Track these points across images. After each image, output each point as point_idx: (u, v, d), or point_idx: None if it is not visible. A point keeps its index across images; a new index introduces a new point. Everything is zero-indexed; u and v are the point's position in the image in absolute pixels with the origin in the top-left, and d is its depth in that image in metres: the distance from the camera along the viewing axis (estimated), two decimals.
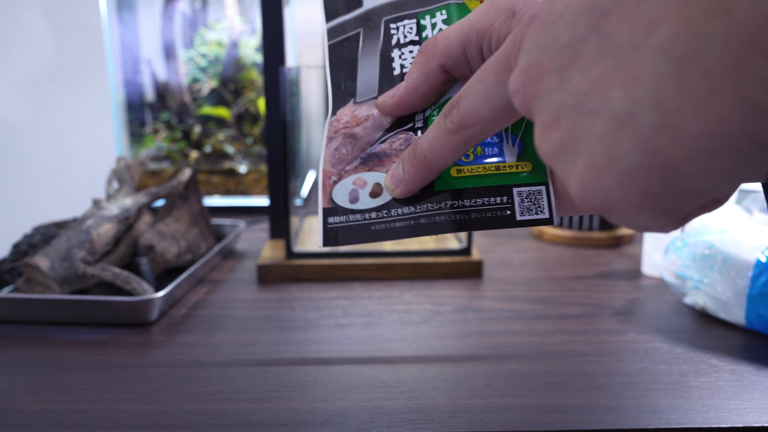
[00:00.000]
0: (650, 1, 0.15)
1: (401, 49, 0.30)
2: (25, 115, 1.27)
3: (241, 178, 1.13)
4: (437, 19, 0.30)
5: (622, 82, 0.16)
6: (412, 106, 0.28)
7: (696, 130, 0.15)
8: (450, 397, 0.41)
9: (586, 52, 0.17)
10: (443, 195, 0.28)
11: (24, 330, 0.53)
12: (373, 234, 0.28)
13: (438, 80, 0.27)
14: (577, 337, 0.50)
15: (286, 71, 0.65)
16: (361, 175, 0.29)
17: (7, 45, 1.24)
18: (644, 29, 0.15)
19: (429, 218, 0.28)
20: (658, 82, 0.15)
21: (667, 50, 0.15)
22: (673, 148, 0.15)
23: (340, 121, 0.30)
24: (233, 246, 0.77)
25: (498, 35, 0.25)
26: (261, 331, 0.52)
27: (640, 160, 0.16)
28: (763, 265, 0.48)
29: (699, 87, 0.14)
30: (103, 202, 0.65)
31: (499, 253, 0.76)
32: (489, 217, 0.27)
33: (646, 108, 0.15)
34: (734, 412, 0.39)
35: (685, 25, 0.14)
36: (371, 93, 0.30)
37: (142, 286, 0.56)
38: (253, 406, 0.40)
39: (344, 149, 0.30)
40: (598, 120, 0.17)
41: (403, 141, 0.29)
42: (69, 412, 0.40)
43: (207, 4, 1.19)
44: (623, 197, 0.17)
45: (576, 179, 0.18)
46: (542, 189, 0.27)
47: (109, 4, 1.15)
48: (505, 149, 0.28)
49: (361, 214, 0.28)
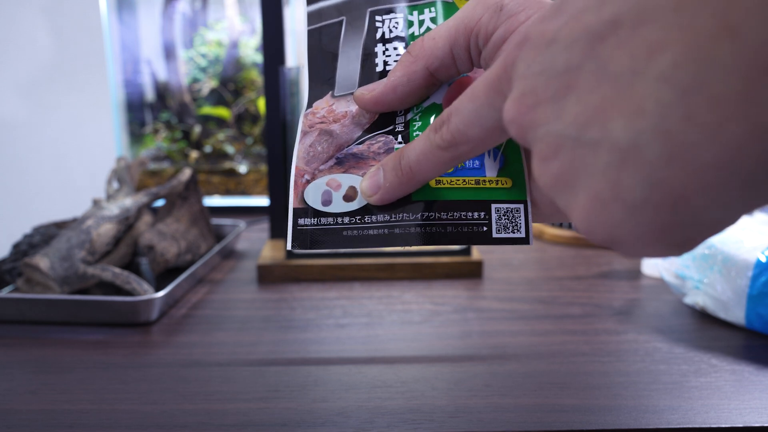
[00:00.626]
0: (649, 25, 0.15)
1: (386, 45, 0.29)
2: (25, 115, 1.27)
3: (241, 178, 1.13)
4: (425, 16, 0.29)
5: (623, 111, 0.15)
6: (390, 104, 0.27)
7: (706, 161, 0.14)
8: (450, 397, 0.41)
9: (582, 80, 0.16)
10: (420, 205, 0.27)
11: (24, 330, 0.53)
12: (344, 240, 0.27)
13: (420, 83, 0.27)
14: (577, 337, 0.50)
15: (286, 71, 0.65)
16: (336, 176, 0.28)
17: (7, 45, 1.24)
18: (644, 55, 0.15)
19: (404, 228, 0.26)
20: (663, 112, 0.14)
21: (670, 78, 0.14)
22: (683, 180, 0.14)
23: (316, 115, 0.29)
24: (233, 246, 0.77)
25: (486, 30, 0.25)
26: (261, 331, 0.52)
27: (647, 193, 0.15)
28: (763, 265, 0.48)
29: (707, 116, 0.14)
30: (103, 202, 0.65)
31: (499, 253, 0.76)
32: (465, 232, 0.26)
33: (651, 139, 0.15)
34: (734, 412, 0.39)
35: (688, 50, 0.14)
36: (350, 88, 0.29)
37: (142, 286, 0.56)
38: (253, 406, 0.40)
39: (319, 146, 0.28)
40: (599, 151, 0.16)
41: (383, 144, 0.28)
42: (69, 412, 0.40)
43: (207, 4, 1.19)
44: (631, 231, 0.16)
45: (580, 213, 0.18)
46: (521, 207, 0.26)
47: (109, 4, 1.15)
48: (486, 163, 0.27)
49: (333, 217, 0.27)
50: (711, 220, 0.15)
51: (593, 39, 0.16)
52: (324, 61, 0.29)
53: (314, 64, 0.29)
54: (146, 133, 1.20)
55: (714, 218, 0.15)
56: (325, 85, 0.29)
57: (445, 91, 0.28)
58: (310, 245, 0.27)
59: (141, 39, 1.19)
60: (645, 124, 0.15)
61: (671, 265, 0.56)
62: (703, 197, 0.15)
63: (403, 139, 0.28)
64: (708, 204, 0.15)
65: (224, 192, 1.12)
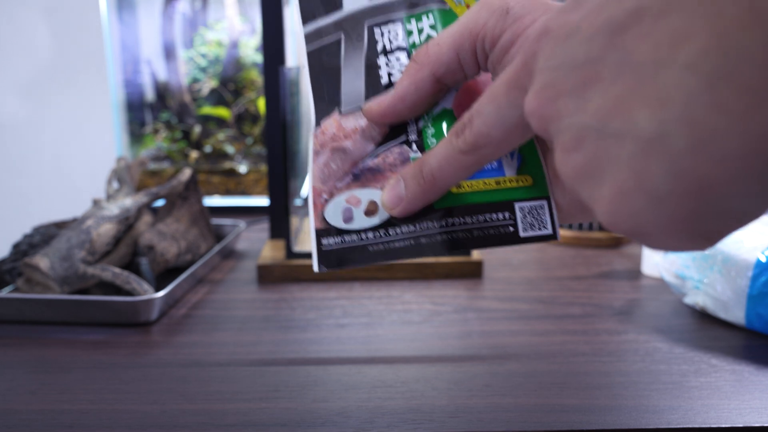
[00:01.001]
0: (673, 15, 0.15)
1: (388, 56, 0.29)
2: (25, 115, 1.27)
3: (241, 178, 1.13)
4: (424, 24, 0.29)
5: (648, 101, 0.15)
6: (400, 114, 0.27)
7: (733, 150, 0.14)
8: (450, 397, 0.41)
9: (604, 71, 0.16)
10: (443, 212, 0.26)
11: (24, 330, 0.53)
12: (371, 255, 0.27)
13: (428, 89, 0.27)
14: (577, 337, 0.50)
15: (286, 71, 0.65)
16: (355, 192, 0.27)
17: (7, 45, 1.24)
18: (669, 45, 0.15)
19: (430, 237, 0.26)
20: (689, 102, 0.14)
21: (696, 67, 0.14)
22: (709, 169, 0.14)
23: (325, 134, 0.28)
24: (233, 246, 0.77)
25: (492, 35, 0.25)
26: (261, 331, 0.52)
27: (672, 183, 0.15)
28: (763, 265, 0.48)
29: (734, 104, 0.13)
30: (103, 202, 0.65)
31: (499, 253, 0.76)
32: (492, 235, 0.26)
33: (677, 128, 0.15)
34: (734, 412, 0.39)
35: (715, 39, 0.14)
36: (357, 103, 0.29)
37: (142, 286, 0.56)
38: (253, 406, 0.40)
39: (334, 164, 0.28)
40: (623, 142, 0.16)
41: (398, 155, 0.28)
42: (69, 412, 0.40)
43: (207, 4, 1.19)
44: (655, 222, 0.16)
45: (603, 204, 0.17)
46: (544, 204, 0.26)
47: (109, 4, 1.15)
48: (504, 163, 0.27)
49: (357, 234, 0.27)
50: (736, 211, 0.15)
51: (615, 30, 0.16)
52: (327, 79, 0.29)
53: (317, 84, 0.29)
54: (146, 133, 1.20)
55: (739, 209, 0.15)
56: (331, 103, 0.29)
57: (453, 96, 0.28)
58: (338, 264, 0.27)
59: (141, 39, 1.19)
60: (670, 113, 0.15)
61: (671, 265, 0.56)
62: (728, 187, 0.14)
63: (418, 147, 0.27)
64: (733, 194, 0.15)
65: (224, 192, 1.12)
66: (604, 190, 0.17)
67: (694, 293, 0.54)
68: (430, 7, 0.29)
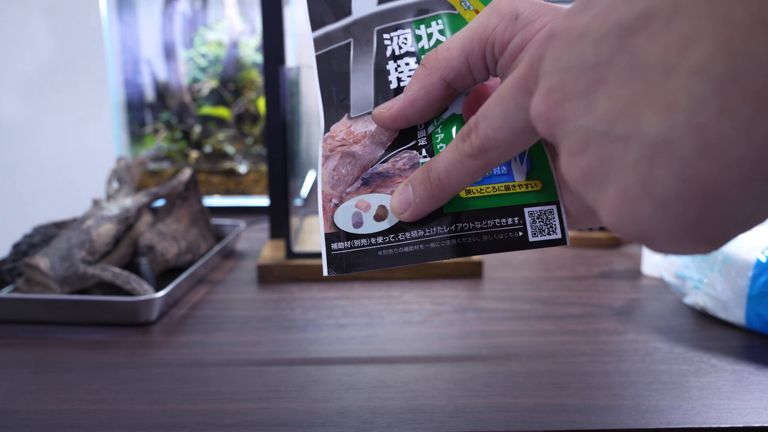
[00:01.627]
0: (682, 19, 0.14)
1: (397, 61, 0.29)
2: (25, 115, 1.27)
3: (241, 178, 1.13)
4: (433, 29, 0.29)
5: (656, 105, 0.15)
6: (410, 119, 0.27)
7: (740, 155, 0.14)
8: (450, 397, 0.41)
9: (612, 74, 0.16)
10: (452, 217, 0.26)
11: (24, 330, 0.53)
12: (381, 260, 0.27)
13: (438, 94, 0.27)
14: (577, 337, 0.50)
15: (286, 71, 0.65)
16: (364, 197, 0.27)
17: (8, 45, 1.24)
18: (677, 49, 0.15)
19: (439, 242, 0.26)
20: (697, 106, 0.14)
21: (704, 71, 0.14)
22: (715, 175, 0.14)
23: (335, 138, 0.28)
24: (233, 246, 0.77)
25: (502, 39, 0.25)
26: (261, 331, 0.52)
27: (678, 188, 0.15)
28: (763, 265, 0.48)
29: (741, 109, 0.13)
30: (103, 202, 0.65)
31: (500, 254, 0.76)
32: (501, 239, 0.26)
33: (684, 133, 0.15)
34: (734, 412, 0.39)
35: (723, 43, 0.14)
36: (366, 108, 0.29)
37: (142, 286, 0.56)
38: (253, 406, 0.40)
39: (343, 169, 0.28)
40: (629, 146, 0.16)
41: (407, 160, 0.28)
42: (69, 412, 0.40)
43: (207, 4, 1.19)
44: (661, 227, 0.16)
45: (608, 208, 0.17)
46: (553, 208, 0.26)
47: (109, 4, 1.15)
48: (513, 168, 0.27)
49: (366, 239, 0.27)
50: (742, 216, 0.15)
51: (624, 32, 0.16)
52: (336, 84, 0.29)
53: (326, 89, 0.29)
54: (146, 133, 1.20)
55: (745, 214, 0.15)
56: (340, 108, 0.29)
57: (463, 101, 0.28)
58: (347, 269, 0.27)
59: (141, 39, 1.19)
60: (678, 117, 0.15)
61: (671, 265, 0.56)
62: (735, 192, 0.14)
63: (428, 152, 0.27)
64: (740, 199, 0.14)
65: (224, 192, 1.12)
66: (609, 194, 0.17)
67: (694, 293, 0.54)
68: (439, 12, 0.29)
